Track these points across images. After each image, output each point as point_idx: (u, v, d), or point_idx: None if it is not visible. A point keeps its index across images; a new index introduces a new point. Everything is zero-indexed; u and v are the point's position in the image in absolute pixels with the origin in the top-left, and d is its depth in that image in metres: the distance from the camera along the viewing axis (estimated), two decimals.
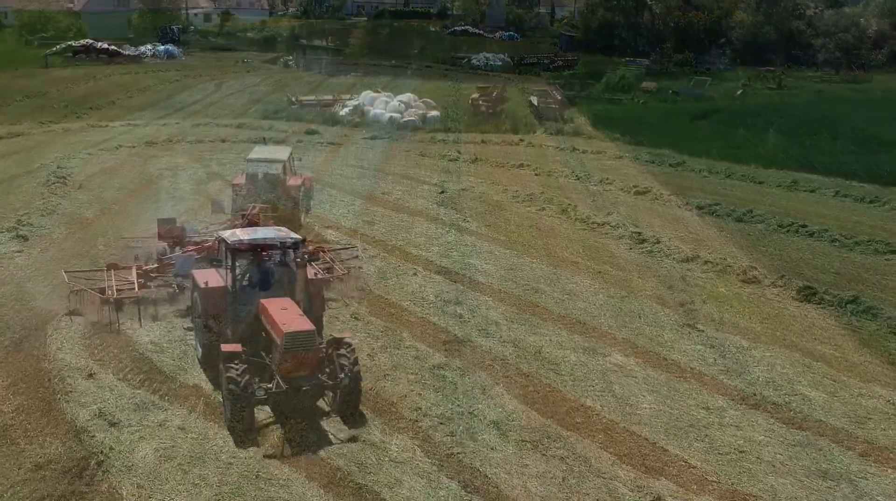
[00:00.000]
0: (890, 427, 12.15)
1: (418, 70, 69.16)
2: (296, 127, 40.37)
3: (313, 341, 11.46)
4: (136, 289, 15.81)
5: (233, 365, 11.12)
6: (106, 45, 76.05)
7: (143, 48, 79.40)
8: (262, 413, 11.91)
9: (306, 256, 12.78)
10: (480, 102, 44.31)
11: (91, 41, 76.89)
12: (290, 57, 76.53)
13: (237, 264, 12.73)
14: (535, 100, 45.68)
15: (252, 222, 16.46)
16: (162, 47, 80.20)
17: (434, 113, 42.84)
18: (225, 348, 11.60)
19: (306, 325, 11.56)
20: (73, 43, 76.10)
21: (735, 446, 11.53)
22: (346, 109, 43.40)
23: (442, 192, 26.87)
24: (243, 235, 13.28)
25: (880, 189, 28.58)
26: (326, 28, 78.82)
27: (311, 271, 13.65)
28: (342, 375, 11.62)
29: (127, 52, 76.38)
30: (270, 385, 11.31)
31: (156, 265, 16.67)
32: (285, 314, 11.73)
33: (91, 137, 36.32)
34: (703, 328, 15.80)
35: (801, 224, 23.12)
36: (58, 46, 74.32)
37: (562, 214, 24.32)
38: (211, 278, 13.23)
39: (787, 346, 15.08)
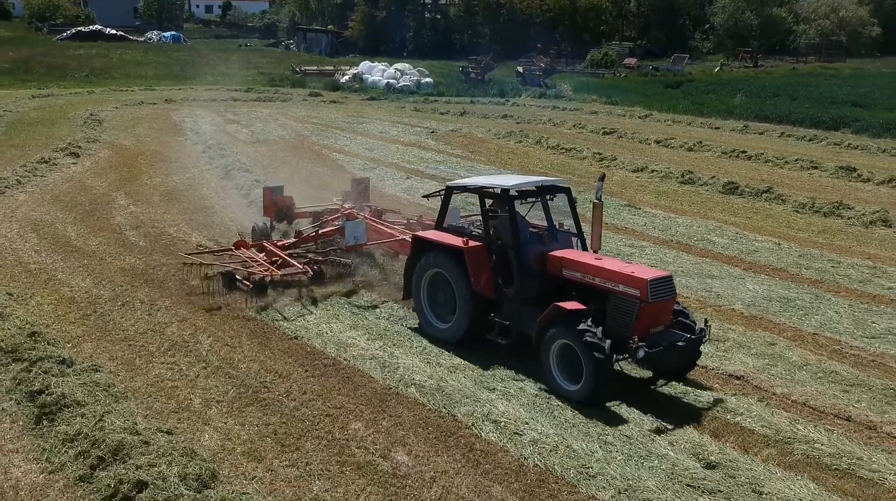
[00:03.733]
0: (772, 255, 15.74)
1: (414, 50, 72.69)
2: (300, 91, 44.03)
3: (674, 287, 9.82)
4: (301, 267, 13.29)
5: (587, 327, 9.21)
6: (114, 32, 79.61)
7: (148, 34, 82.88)
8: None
9: (601, 196, 10.57)
10: (470, 69, 47.92)
11: (100, 27, 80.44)
12: (292, 41, 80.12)
13: (515, 213, 10.51)
14: (521, 68, 49.31)
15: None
16: (167, 34, 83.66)
17: (427, 80, 46.51)
18: (567, 306, 9.51)
19: (658, 271, 10.12)
20: (82, 29, 79.64)
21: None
22: (346, 77, 47.09)
23: (432, 132, 30.53)
24: (509, 181, 11.20)
25: (821, 132, 32.29)
26: (326, 13, 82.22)
27: None
28: (702, 327, 9.97)
29: (134, 38, 79.90)
30: (640, 344, 9.26)
31: (293, 240, 14.34)
32: (615, 263, 10.19)
33: (114, 96, 39.96)
34: (641, 207, 19.44)
35: (741, 150, 26.81)
36: (67, 33, 77.74)
37: (536, 144, 28.03)
38: (451, 238, 10.91)
39: (706, 217, 18.73)
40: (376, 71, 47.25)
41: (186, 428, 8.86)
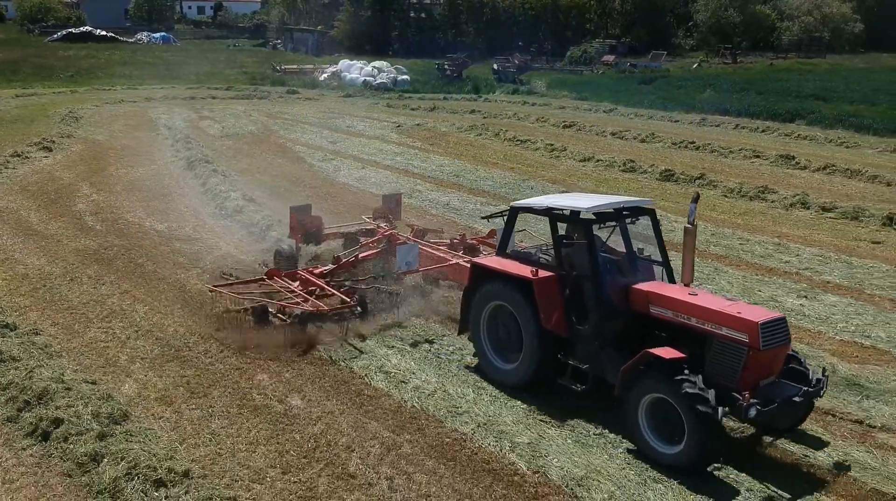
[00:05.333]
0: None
1: (399, 49, 73.83)
2: (278, 89, 45.14)
3: (788, 331, 8.39)
4: (351, 300, 11.67)
5: (690, 380, 7.83)
6: (104, 33, 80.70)
7: (138, 36, 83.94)
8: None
9: (693, 219, 9.16)
10: (446, 66, 49.04)
11: (90, 29, 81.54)
12: (279, 40, 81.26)
13: (594, 239, 9.15)
14: (496, 65, 50.43)
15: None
16: (157, 35, 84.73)
17: (404, 77, 47.64)
18: (664, 354, 8.12)
19: (769, 311, 8.76)
20: (73, 30, 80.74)
21: None
22: (325, 75, 48.21)
23: (398, 126, 31.65)
24: (584, 201, 9.83)
25: (776, 124, 33.38)
26: (314, 13, 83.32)
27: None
28: (819, 377, 8.61)
29: (123, 40, 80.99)
30: (751, 401, 7.88)
31: (332, 267, 12.86)
32: (715, 300, 8.80)
33: (96, 95, 41.08)
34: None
35: (690, 141, 27.91)
36: (57, 34, 78.81)
37: (494, 137, 29.16)
38: (517, 266, 9.58)
39: None
40: (354, 69, 48.40)
41: (109, 380, 9.95)
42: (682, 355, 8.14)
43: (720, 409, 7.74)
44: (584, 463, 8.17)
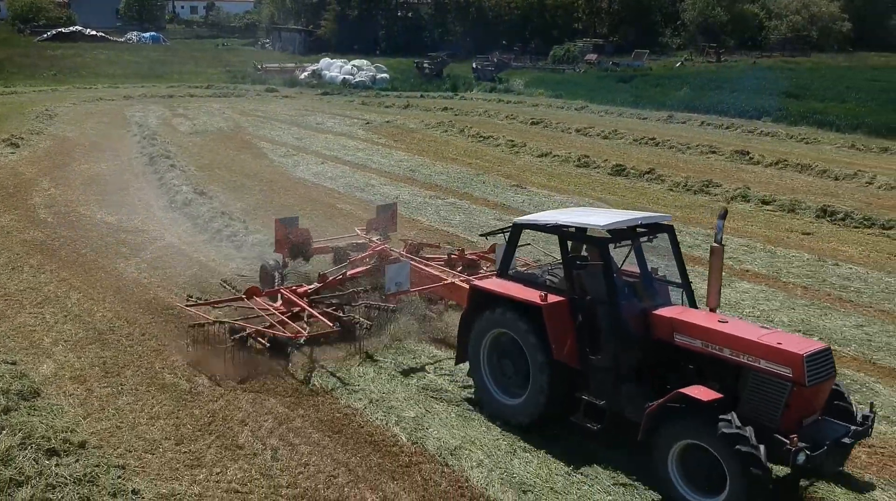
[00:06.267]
0: None
1: (387, 48, 74.29)
2: (257, 88, 45.62)
3: (833, 362, 7.57)
4: (332, 324, 10.84)
5: (735, 426, 6.88)
6: (94, 33, 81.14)
7: (128, 35, 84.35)
8: None
9: (721, 238, 8.31)
10: (425, 65, 49.49)
11: (79, 28, 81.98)
12: (268, 40, 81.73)
13: (609, 261, 8.23)
14: (475, 64, 50.90)
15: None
16: (147, 34, 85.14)
17: (383, 75, 48.10)
18: (700, 396, 7.17)
19: (812, 341, 7.96)
20: (62, 30, 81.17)
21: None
22: (305, 73, 48.65)
23: (367, 123, 32.12)
24: (598, 218, 8.80)
25: (743, 121, 33.92)
26: (302, 12, 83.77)
27: None
28: (866, 413, 7.72)
29: (113, 39, 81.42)
30: (800, 445, 6.96)
31: (317, 285, 11.97)
32: (748, 328, 7.94)
33: (76, 94, 41.54)
34: (529, 188, 21.01)
35: (650, 137, 28.39)
36: (47, 34, 79.22)
37: (459, 133, 29.65)
38: (523, 290, 8.67)
39: (582, 194, 20.32)
40: (334, 67, 48.89)
41: (30, 361, 10.39)
42: (720, 395, 7.22)
43: (760, 453, 6.78)
44: (461, 435, 8.63)
